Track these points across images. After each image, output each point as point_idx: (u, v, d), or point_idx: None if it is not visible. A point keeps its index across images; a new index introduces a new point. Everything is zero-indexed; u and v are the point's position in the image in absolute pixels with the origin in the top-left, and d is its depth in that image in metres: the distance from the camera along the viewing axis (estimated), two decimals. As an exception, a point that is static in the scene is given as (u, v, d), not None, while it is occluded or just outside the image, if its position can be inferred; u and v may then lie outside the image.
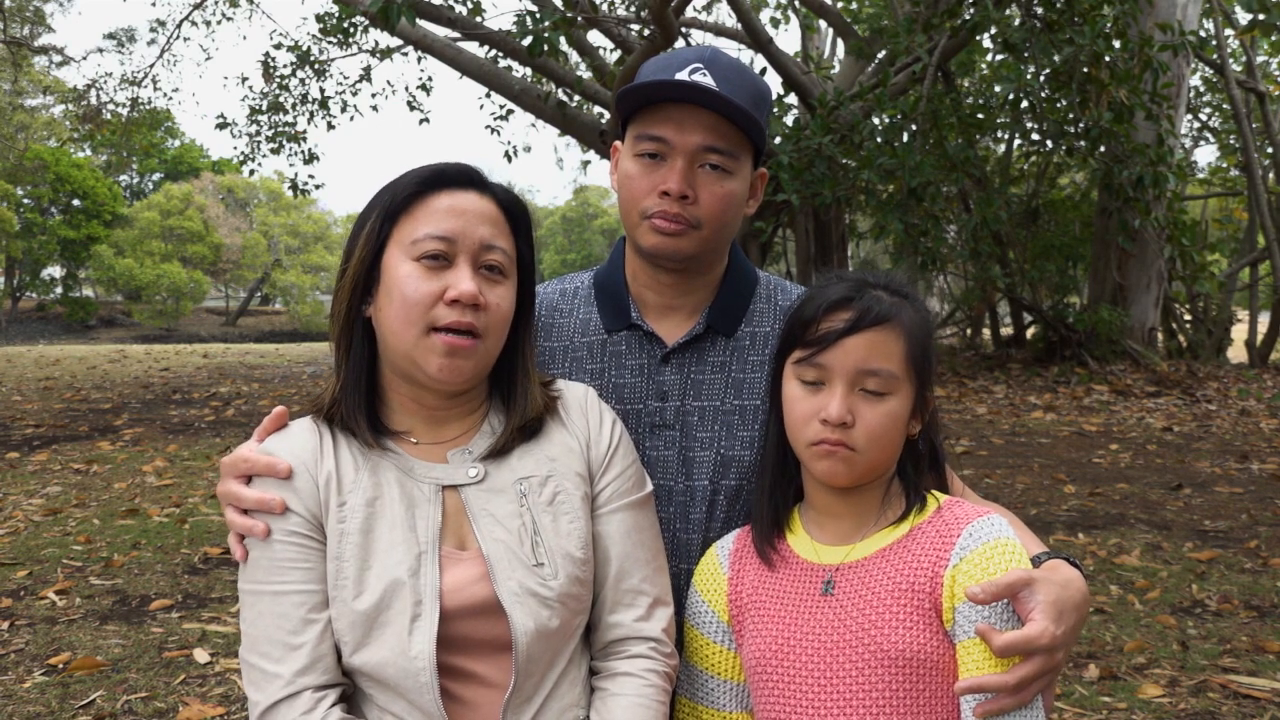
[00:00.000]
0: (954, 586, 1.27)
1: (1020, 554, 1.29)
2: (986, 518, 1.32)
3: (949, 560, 1.29)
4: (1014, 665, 1.21)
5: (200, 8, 16.74)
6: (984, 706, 1.22)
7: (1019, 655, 1.21)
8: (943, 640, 1.28)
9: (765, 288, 1.67)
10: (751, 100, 1.50)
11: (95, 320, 40.87)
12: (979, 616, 1.24)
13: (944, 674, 1.28)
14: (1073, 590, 1.27)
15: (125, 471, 6.64)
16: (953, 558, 1.29)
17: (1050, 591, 1.23)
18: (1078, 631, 1.27)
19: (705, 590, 1.46)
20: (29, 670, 3.32)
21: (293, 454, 1.33)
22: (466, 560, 1.32)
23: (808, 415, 1.32)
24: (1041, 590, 1.23)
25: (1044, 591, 1.23)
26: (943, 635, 1.29)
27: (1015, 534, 1.32)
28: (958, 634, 1.27)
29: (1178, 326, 13.69)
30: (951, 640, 1.28)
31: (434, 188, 1.34)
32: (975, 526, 1.30)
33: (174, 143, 47.98)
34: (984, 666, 1.23)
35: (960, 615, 1.26)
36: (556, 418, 1.44)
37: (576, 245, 54.79)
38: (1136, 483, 6.32)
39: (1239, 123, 12.99)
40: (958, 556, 1.29)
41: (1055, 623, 1.21)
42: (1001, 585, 1.22)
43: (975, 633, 1.23)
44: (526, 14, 8.88)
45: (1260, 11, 8.88)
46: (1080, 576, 1.32)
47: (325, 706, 1.25)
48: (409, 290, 1.30)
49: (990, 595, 1.22)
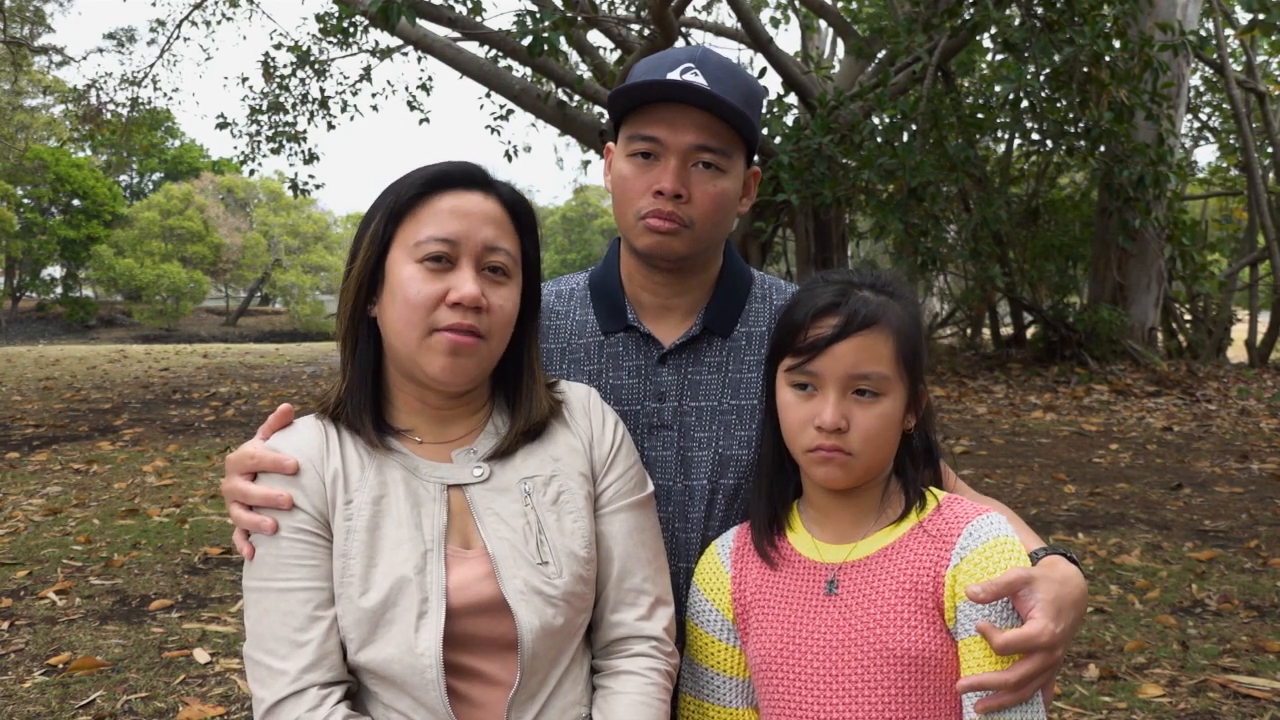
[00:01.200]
0: (955, 586, 1.28)
1: (1020, 552, 1.30)
2: (986, 516, 1.33)
3: (950, 560, 1.30)
4: (1014, 663, 1.22)
5: (200, 8, 16.75)
6: (985, 703, 1.23)
7: (1019, 653, 1.21)
8: (946, 639, 1.29)
9: (760, 287, 1.67)
10: (743, 98, 1.50)
11: (95, 320, 40.87)
12: (980, 615, 1.25)
13: (948, 672, 1.29)
14: (1071, 587, 1.28)
15: (125, 471, 6.64)
16: (953, 557, 1.30)
17: (1049, 589, 1.24)
18: (1077, 628, 1.29)
19: (708, 588, 1.46)
20: (29, 670, 3.32)
21: (299, 451, 1.33)
22: (471, 559, 1.32)
23: (802, 422, 1.33)
24: (1041, 588, 1.24)
25: (1043, 589, 1.24)
26: (946, 634, 1.29)
27: (1014, 531, 1.33)
28: (959, 632, 1.28)
29: (1178, 326, 13.69)
30: (954, 638, 1.29)
31: (438, 189, 1.34)
32: (975, 525, 1.31)
33: (174, 143, 47.99)
34: (985, 664, 1.24)
35: (962, 614, 1.27)
36: (560, 418, 1.45)
37: (577, 245, 54.80)
38: (1136, 483, 6.32)
39: (1239, 123, 12.98)
40: (958, 556, 1.29)
41: (1054, 620, 1.22)
42: (1001, 584, 1.23)
43: (976, 631, 1.24)
44: (526, 14, 8.89)
45: (1260, 11, 8.88)
46: (1078, 572, 1.33)
47: (331, 703, 1.25)
48: (411, 292, 1.30)
49: (990, 594, 1.22)
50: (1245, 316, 15.93)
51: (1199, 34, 11.10)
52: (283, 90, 15.74)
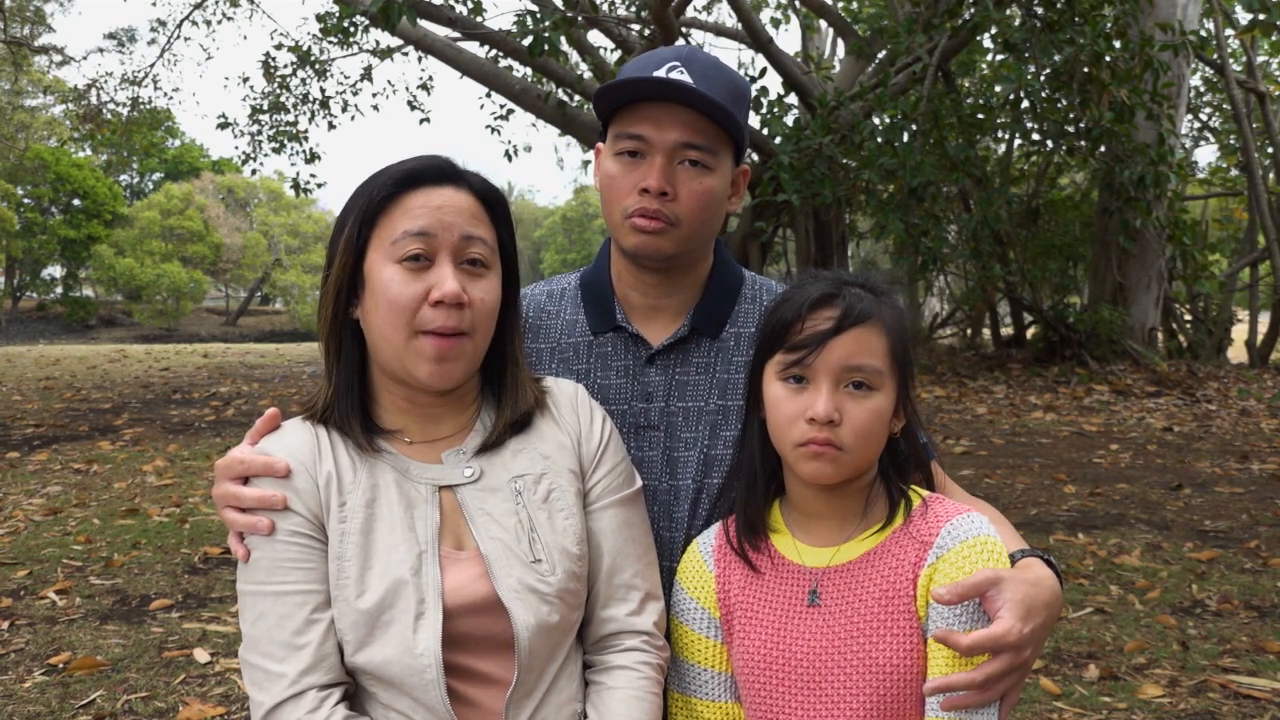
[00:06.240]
0: (929, 585, 1.28)
1: (1000, 552, 1.29)
2: (966, 515, 1.32)
3: (927, 559, 1.29)
4: (981, 663, 1.21)
5: (200, 7, 16.76)
6: (949, 701, 1.23)
7: (987, 653, 1.21)
8: (926, 645, 1.29)
9: (750, 287, 1.66)
10: (729, 96, 1.49)
11: (95, 320, 40.89)
12: (950, 615, 1.24)
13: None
14: (1043, 589, 1.27)
15: (125, 471, 6.64)
16: (930, 556, 1.29)
17: (1019, 590, 1.23)
18: (1048, 629, 1.27)
19: (692, 587, 1.46)
20: (29, 670, 3.32)
21: (291, 454, 1.33)
22: (465, 560, 1.32)
23: (793, 416, 1.32)
24: (1009, 589, 1.23)
25: (1011, 590, 1.23)
26: (925, 641, 1.29)
27: (996, 531, 1.32)
28: (929, 630, 1.28)
29: (1178, 326, 13.69)
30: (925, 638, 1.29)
31: (408, 186, 1.33)
32: (954, 524, 1.31)
33: (174, 142, 47.99)
34: (953, 665, 1.24)
35: (933, 613, 1.27)
36: (548, 415, 1.45)
37: (577, 245, 54.83)
38: (1136, 483, 6.32)
39: (1239, 123, 12.98)
40: (935, 555, 1.29)
41: (1022, 621, 1.21)
42: (968, 586, 1.22)
43: (936, 637, 1.24)
44: (527, 14, 8.90)
45: (1260, 11, 8.88)
46: (1053, 576, 1.32)
47: (330, 705, 1.25)
48: (393, 294, 1.29)
49: (956, 596, 1.22)
50: (1245, 317, 15.93)
51: (1199, 34, 11.10)
52: (283, 90, 15.75)
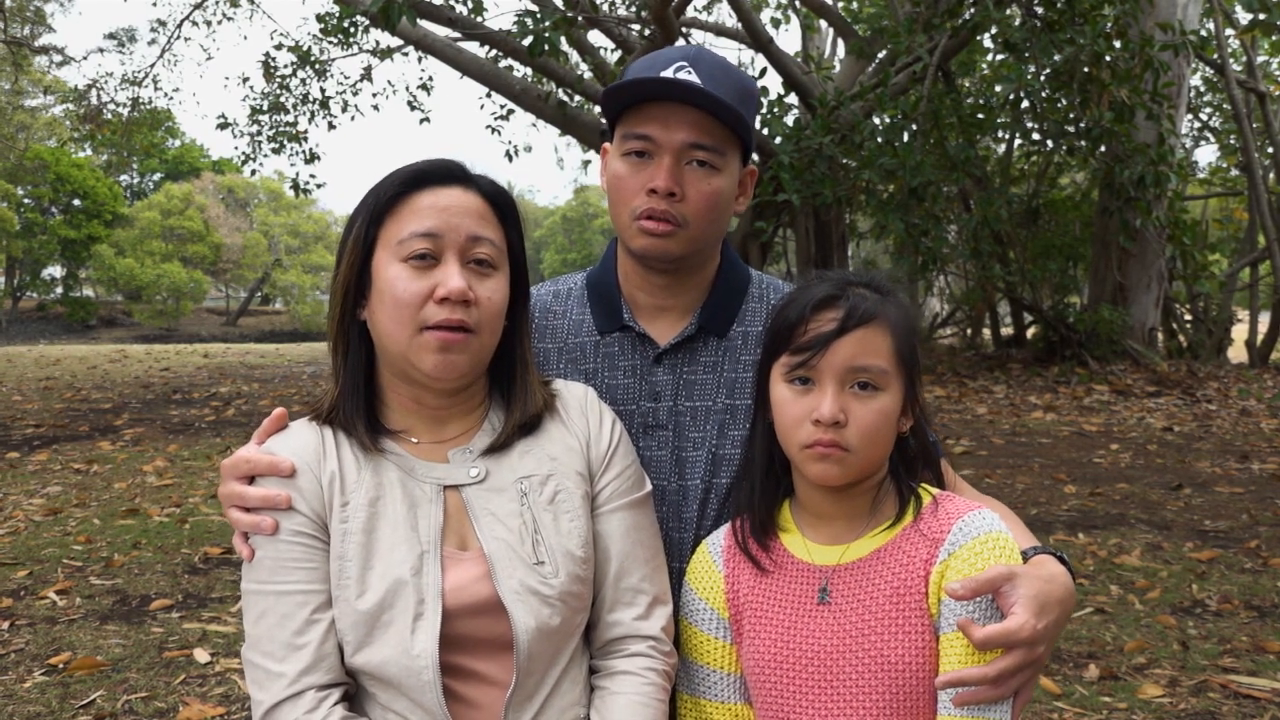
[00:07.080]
0: (941, 581, 1.28)
1: (1011, 548, 1.29)
2: (978, 512, 1.32)
3: (939, 556, 1.29)
4: (994, 658, 1.21)
5: (201, 8, 16.76)
6: (961, 696, 1.23)
7: (1000, 648, 1.21)
8: (936, 644, 1.29)
9: (758, 286, 1.66)
10: (737, 96, 1.49)
11: (95, 320, 40.88)
12: (963, 611, 1.24)
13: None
14: (1056, 585, 1.27)
15: (125, 471, 6.64)
16: (941, 553, 1.29)
17: (1032, 586, 1.23)
18: (1061, 626, 1.27)
19: (701, 588, 1.45)
20: (29, 670, 3.32)
21: (295, 454, 1.33)
22: (468, 560, 1.32)
23: (799, 417, 1.31)
24: (1023, 584, 1.23)
25: (1025, 586, 1.23)
26: (936, 637, 1.29)
27: (1007, 528, 1.32)
28: (941, 627, 1.28)
29: (1178, 326, 13.69)
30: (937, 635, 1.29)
31: (417, 187, 1.34)
32: (966, 521, 1.30)
33: (174, 143, 47.96)
34: (965, 660, 1.24)
35: (945, 609, 1.27)
36: (557, 417, 1.44)
37: (577, 245, 54.79)
38: (1137, 483, 6.31)
39: (1239, 123, 12.98)
40: (946, 552, 1.29)
41: (1036, 616, 1.21)
42: (982, 581, 1.22)
43: (956, 626, 1.24)
44: (527, 14, 8.90)
45: (1260, 11, 8.88)
46: (1066, 572, 1.31)
47: (329, 705, 1.25)
48: (399, 291, 1.30)
49: (970, 591, 1.22)
50: (1245, 317, 15.94)
51: (1199, 34, 11.11)
52: (283, 90, 15.74)
